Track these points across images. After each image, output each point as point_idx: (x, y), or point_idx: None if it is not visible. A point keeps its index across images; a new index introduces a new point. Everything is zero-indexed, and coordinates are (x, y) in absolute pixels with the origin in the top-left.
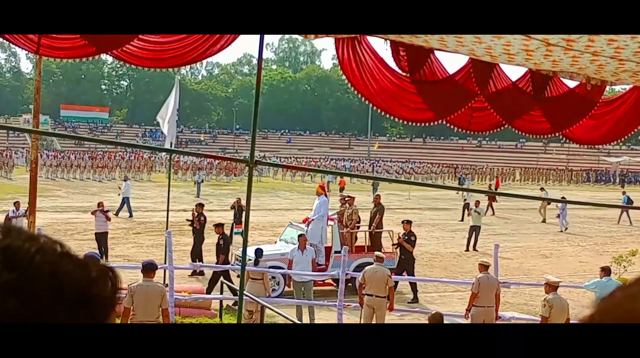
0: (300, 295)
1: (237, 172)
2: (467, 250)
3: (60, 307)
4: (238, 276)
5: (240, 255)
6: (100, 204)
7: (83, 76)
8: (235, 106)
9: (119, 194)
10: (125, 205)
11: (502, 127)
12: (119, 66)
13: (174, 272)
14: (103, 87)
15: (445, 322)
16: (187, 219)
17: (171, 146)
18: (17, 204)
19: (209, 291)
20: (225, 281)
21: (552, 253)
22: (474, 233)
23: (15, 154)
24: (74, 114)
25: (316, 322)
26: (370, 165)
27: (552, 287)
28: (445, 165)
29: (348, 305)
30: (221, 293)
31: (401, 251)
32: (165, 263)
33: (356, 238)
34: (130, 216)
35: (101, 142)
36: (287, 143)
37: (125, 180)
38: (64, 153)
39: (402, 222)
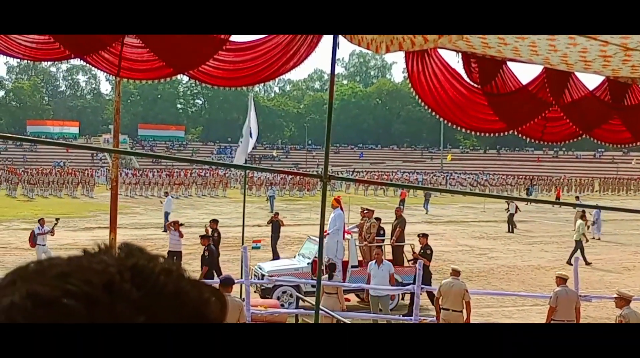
0: (377, 309)
1: (309, 187)
2: (587, 263)
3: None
4: (255, 291)
5: (258, 270)
6: (176, 224)
7: (159, 96)
8: (307, 121)
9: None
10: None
11: (579, 138)
12: (193, 85)
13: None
14: (179, 106)
15: None
16: (200, 236)
17: (245, 163)
18: (41, 221)
19: None
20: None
21: (635, 265)
22: (577, 246)
23: (95, 173)
24: (151, 133)
25: None
26: (443, 178)
27: (625, 301)
28: (520, 176)
29: (424, 320)
30: (297, 307)
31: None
32: (241, 278)
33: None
34: (165, 231)
35: (177, 160)
36: (359, 157)
37: (166, 195)
38: (142, 171)
39: (418, 236)
